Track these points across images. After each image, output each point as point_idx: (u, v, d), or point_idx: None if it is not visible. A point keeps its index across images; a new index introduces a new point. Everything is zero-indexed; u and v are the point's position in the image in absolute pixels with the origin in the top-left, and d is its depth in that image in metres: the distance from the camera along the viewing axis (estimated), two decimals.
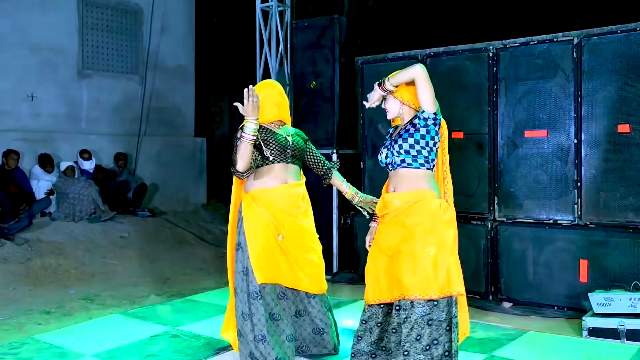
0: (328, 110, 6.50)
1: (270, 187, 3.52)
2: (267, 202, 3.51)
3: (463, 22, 7.52)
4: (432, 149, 3.12)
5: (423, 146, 3.09)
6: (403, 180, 3.12)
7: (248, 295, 3.44)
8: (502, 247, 5.36)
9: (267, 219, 3.50)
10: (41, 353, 4.11)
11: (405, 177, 3.11)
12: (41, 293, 5.86)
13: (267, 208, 3.51)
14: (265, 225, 3.49)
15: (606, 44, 4.93)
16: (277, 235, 3.53)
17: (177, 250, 7.91)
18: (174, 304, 5.48)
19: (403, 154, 3.10)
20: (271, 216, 3.51)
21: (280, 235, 3.52)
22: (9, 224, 7.18)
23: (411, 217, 3.05)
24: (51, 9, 8.75)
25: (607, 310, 4.35)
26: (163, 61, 10.05)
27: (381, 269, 3.16)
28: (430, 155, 3.12)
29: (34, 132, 8.52)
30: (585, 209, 5.02)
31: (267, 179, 3.53)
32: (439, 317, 2.98)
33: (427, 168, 3.12)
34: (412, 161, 3.10)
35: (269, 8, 7.78)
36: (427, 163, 3.11)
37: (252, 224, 3.49)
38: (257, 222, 3.48)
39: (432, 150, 3.12)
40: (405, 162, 3.11)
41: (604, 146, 4.96)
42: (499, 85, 5.42)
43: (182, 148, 10.26)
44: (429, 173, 3.14)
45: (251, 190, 3.54)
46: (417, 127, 3.11)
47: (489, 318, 4.90)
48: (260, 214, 3.49)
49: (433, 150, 3.13)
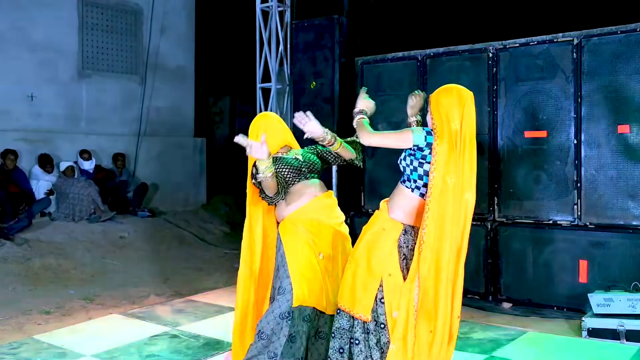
0: (328, 110, 6.50)
1: (304, 205, 3.46)
2: (306, 220, 3.43)
3: (463, 23, 7.52)
4: (415, 168, 3.01)
5: (408, 164, 3.04)
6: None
7: (278, 315, 3.29)
8: (502, 248, 5.36)
9: (307, 238, 3.42)
10: (41, 353, 4.11)
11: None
12: (41, 293, 5.86)
13: (307, 226, 3.43)
14: (306, 244, 3.40)
15: (606, 45, 4.93)
16: (318, 254, 3.46)
17: (177, 250, 7.91)
18: (174, 304, 5.48)
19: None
20: (312, 235, 3.43)
21: (321, 254, 3.47)
22: (9, 224, 7.17)
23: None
24: (51, 9, 8.74)
25: (607, 311, 4.35)
26: (163, 61, 10.05)
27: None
28: (412, 175, 3.02)
29: (34, 132, 8.52)
30: (585, 210, 5.02)
31: (296, 200, 3.48)
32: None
33: (406, 186, 3.05)
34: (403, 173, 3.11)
35: (269, 8, 7.77)
36: (408, 181, 3.05)
37: (293, 245, 3.38)
38: (297, 243, 3.39)
39: (415, 171, 3.01)
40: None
41: (603, 147, 4.96)
42: (498, 85, 5.42)
43: (182, 148, 10.25)
44: (404, 190, 3.06)
45: (287, 216, 3.47)
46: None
47: (489, 318, 4.90)
48: (300, 234, 3.41)
49: (416, 171, 3.01)
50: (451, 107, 2.91)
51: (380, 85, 6.11)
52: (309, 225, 3.42)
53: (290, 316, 3.26)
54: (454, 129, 2.88)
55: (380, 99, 6.08)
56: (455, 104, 2.91)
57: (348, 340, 3.00)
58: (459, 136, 2.89)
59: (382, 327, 2.95)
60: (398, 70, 6.01)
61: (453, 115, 2.90)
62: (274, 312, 3.27)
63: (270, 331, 3.28)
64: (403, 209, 3.01)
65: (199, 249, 8.09)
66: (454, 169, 2.87)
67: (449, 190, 2.86)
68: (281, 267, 3.36)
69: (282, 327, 3.25)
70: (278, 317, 3.26)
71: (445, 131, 2.89)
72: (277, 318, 3.26)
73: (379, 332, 2.96)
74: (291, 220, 3.43)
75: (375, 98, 6.17)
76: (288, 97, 7.74)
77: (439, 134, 2.90)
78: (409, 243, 3.00)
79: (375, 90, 6.17)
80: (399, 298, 2.94)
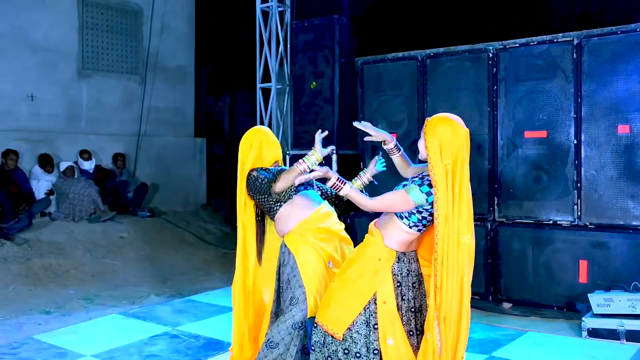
0: (328, 110, 6.49)
1: (310, 216, 3.44)
2: (315, 229, 3.44)
3: (463, 23, 7.52)
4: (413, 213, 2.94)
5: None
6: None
7: (291, 325, 3.28)
8: (502, 248, 5.36)
9: (317, 248, 3.42)
10: (41, 353, 4.11)
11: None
12: (41, 293, 5.86)
13: (316, 235, 3.43)
14: (316, 255, 3.41)
15: (606, 45, 4.93)
16: (327, 263, 3.45)
17: (177, 250, 7.91)
18: (174, 304, 5.48)
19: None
20: (323, 243, 3.43)
21: (330, 262, 3.46)
22: (9, 224, 7.17)
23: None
24: (51, 9, 8.74)
25: (607, 311, 4.35)
26: (163, 61, 10.05)
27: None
28: (410, 218, 2.93)
29: (34, 132, 8.52)
30: (585, 210, 5.02)
31: (298, 212, 3.46)
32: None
33: (403, 222, 2.95)
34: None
35: (269, 8, 7.77)
36: (406, 219, 2.95)
37: (305, 257, 3.37)
38: (308, 254, 3.38)
39: (413, 214, 2.92)
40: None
41: (603, 147, 4.96)
42: (498, 86, 5.42)
43: (182, 148, 10.26)
44: (400, 225, 2.97)
45: (293, 228, 3.45)
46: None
47: (489, 318, 4.91)
48: (310, 245, 3.40)
49: (414, 215, 2.93)
50: (445, 141, 2.78)
51: (380, 85, 6.12)
52: (319, 233, 3.43)
53: (303, 327, 3.24)
54: (446, 166, 2.77)
55: (380, 99, 6.10)
56: (449, 139, 2.79)
57: (326, 356, 2.99)
58: (451, 175, 2.77)
59: (375, 354, 2.93)
60: (398, 70, 6.01)
61: (446, 151, 2.78)
62: (286, 322, 3.25)
63: (280, 340, 3.26)
64: (397, 241, 2.97)
65: (199, 249, 8.09)
66: (452, 213, 2.77)
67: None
68: (292, 278, 3.34)
69: (293, 338, 3.24)
70: (290, 327, 3.24)
71: (438, 166, 2.77)
72: (289, 328, 3.24)
73: (370, 359, 2.94)
74: (299, 232, 3.41)
75: (376, 98, 6.25)
76: (288, 97, 7.74)
77: (434, 169, 2.78)
78: (402, 270, 2.97)
79: (375, 90, 6.18)
80: (393, 325, 2.92)
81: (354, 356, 2.94)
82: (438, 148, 2.79)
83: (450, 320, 2.80)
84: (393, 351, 2.90)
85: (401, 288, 2.96)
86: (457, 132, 2.82)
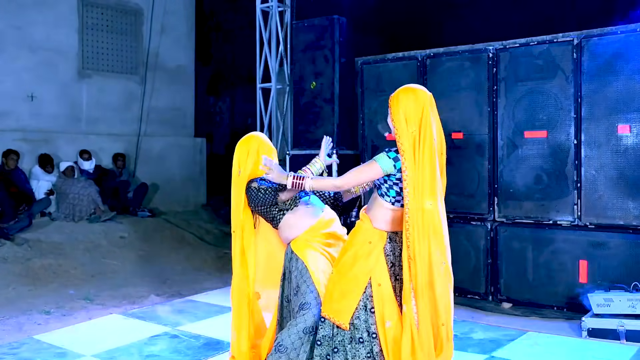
0: (328, 110, 6.50)
1: (316, 222, 3.44)
2: (322, 235, 3.44)
3: (463, 23, 7.51)
4: (390, 187, 3.00)
5: (382, 183, 3.03)
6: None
7: (302, 330, 3.24)
8: (502, 248, 5.36)
9: (324, 253, 3.41)
10: (41, 353, 4.11)
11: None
12: (41, 293, 5.86)
13: (324, 240, 3.43)
14: (324, 258, 3.40)
15: (606, 45, 4.93)
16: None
17: (177, 250, 7.91)
18: (174, 304, 5.48)
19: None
20: (330, 248, 3.43)
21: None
22: (9, 224, 7.18)
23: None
24: (51, 9, 8.75)
25: (607, 311, 4.35)
26: (163, 61, 10.05)
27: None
28: (389, 192, 3.00)
29: (34, 132, 8.52)
30: (585, 210, 5.02)
31: (304, 219, 3.45)
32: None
33: (385, 200, 3.02)
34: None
35: (269, 8, 7.78)
36: (386, 195, 3.02)
37: (314, 262, 3.35)
38: (317, 260, 3.36)
39: (391, 189, 2.99)
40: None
41: (603, 147, 4.96)
42: (498, 86, 5.42)
43: (182, 148, 10.26)
44: (383, 203, 3.03)
45: (300, 235, 3.44)
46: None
47: (489, 318, 4.90)
48: (317, 251, 3.39)
49: (392, 189, 2.99)
50: (409, 109, 2.84)
51: (380, 85, 6.12)
52: (325, 238, 3.43)
53: (314, 332, 3.22)
54: (412, 134, 2.81)
55: (380, 99, 6.09)
56: (412, 107, 2.84)
57: (332, 347, 3.00)
58: (418, 142, 2.81)
59: (374, 337, 2.95)
60: (398, 70, 6.01)
61: (411, 120, 2.82)
62: (297, 326, 3.22)
63: (290, 344, 3.23)
64: (384, 220, 3.01)
65: (199, 249, 8.09)
66: (417, 180, 2.80)
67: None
68: (302, 284, 3.32)
69: (303, 343, 3.22)
70: (302, 332, 3.21)
71: (404, 135, 2.82)
72: (300, 332, 3.21)
73: (371, 342, 2.96)
74: (305, 239, 3.40)
75: (376, 98, 6.24)
76: (288, 97, 7.74)
77: (401, 139, 2.82)
78: (395, 250, 2.99)
79: (375, 91, 6.18)
80: (390, 307, 2.93)
81: (357, 342, 2.97)
82: (403, 118, 2.85)
83: (422, 290, 2.82)
84: (391, 333, 2.92)
85: (394, 268, 2.99)
86: (419, 99, 2.87)
